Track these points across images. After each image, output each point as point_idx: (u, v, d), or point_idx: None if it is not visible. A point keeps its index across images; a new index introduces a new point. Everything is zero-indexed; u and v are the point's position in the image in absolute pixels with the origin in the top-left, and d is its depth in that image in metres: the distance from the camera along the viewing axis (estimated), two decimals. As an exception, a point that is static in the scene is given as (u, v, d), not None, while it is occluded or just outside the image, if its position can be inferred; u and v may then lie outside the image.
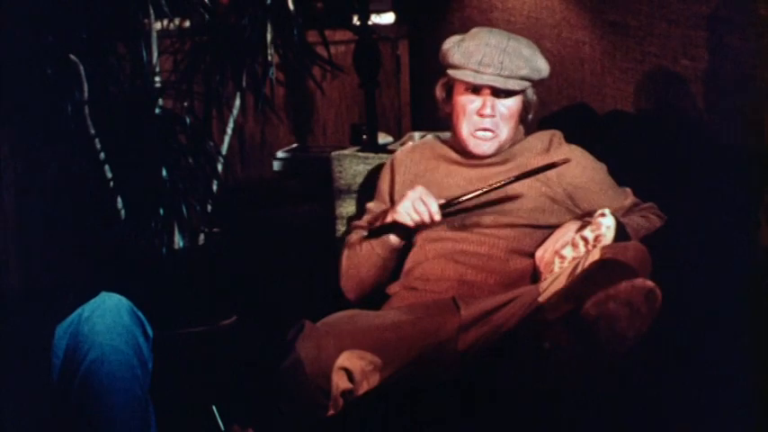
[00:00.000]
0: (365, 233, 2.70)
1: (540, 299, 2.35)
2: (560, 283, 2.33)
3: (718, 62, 2.59)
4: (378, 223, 2.69)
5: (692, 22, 2.69)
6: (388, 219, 2.63)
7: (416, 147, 2.85)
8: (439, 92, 2.75)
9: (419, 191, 2.59)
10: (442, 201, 2.59)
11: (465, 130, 2.68)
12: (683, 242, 2.53)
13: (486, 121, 2.65)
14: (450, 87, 2.72)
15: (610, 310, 2.14)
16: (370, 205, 2.82)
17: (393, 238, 2.65)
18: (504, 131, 2.67)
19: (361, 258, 2.69)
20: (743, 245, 2.41)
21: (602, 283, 2.20)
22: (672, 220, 2.61)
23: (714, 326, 2.32)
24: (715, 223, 2.48)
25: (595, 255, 2.30)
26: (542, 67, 2.66)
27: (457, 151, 2.75)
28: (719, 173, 2.52)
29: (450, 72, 2.67)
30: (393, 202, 2.74)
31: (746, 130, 2.48)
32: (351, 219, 3.01)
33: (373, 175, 3.01)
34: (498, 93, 2.65)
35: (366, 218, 2.79)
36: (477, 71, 2.62)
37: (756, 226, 2.37)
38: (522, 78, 2.63)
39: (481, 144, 2.68)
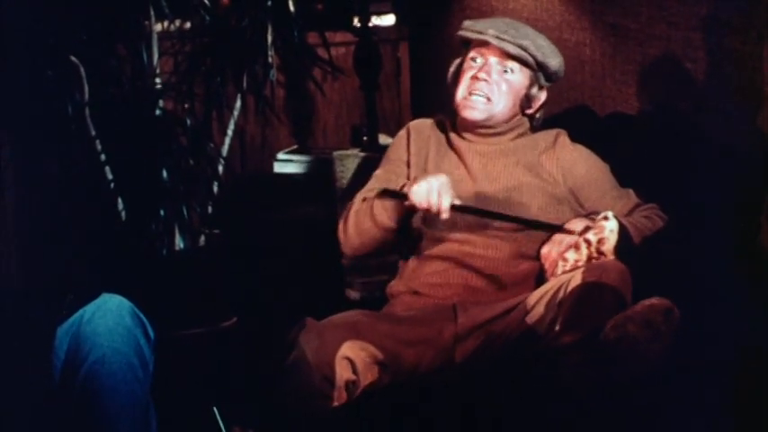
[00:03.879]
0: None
1: (528, 318, 2.36)
2: (544, 303, 2.34)
3: (719, 64, 2.59)
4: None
5: (693, 24, 2.69)
6: (405, 189, 2.55)
7: (431, 123, 2.81)
8: (451, 72, 2.74)
9: (442, 180, 2.48)
10: (458, 202, 2.50)
11: (460, 94, 2.67)
12: (684, 243, 2.53)
13: (480, 85, 2.64)
14: (459, 67, 2.72)
15: (629, 331, 2.15)
16: (379, 173, 2.77)
17: (397, 206, 2.56)
18: (499, 103, 2.65)
19: (362, 215, 2.63)
20: (744, 246, 2.41)
21: (596, 306, 2.23)
22: (672, 221, 2.61)
23: (714, 327, 2.32)
24: (715, 225, 2.48)
25: (577, 278, 2.31)
26: (549, 54, 2.66)
27: (462, 138, 2.72)
28: (720, 174, 2.52)
29: (458, 32, 2.69)
30: (409, 162, 2.73)
31: (747, 131, 2.49)
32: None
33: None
34: (499, 62, 2.64)
35: (373, 185, 2.72)
36: (481, 33, 2.64)
37: (757, 227, 2.37)
38: (522, 48, 2.62)
39: (472, 109, 2.65)
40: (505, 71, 2.65)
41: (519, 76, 2.66)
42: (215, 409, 2.21)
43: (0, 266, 2.96)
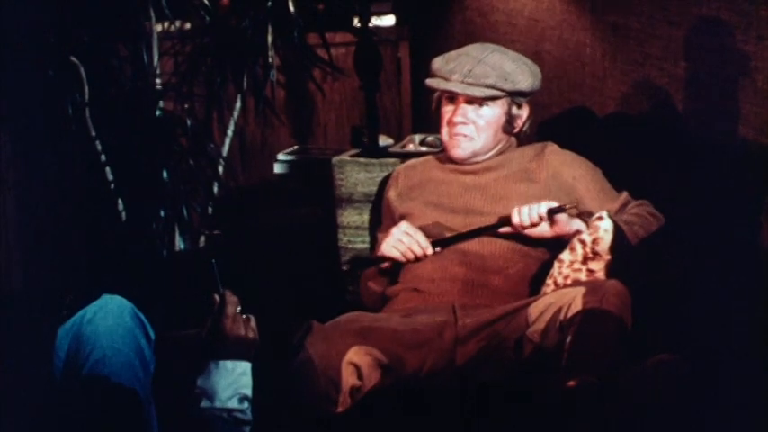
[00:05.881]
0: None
1: (530, 334, 2.36)
2: (545, 320, 2.34)
3: (719, 64, 2.59)
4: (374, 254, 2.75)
5: (693, 23, 2.68)
6: (378, 253, 2.69)
7: (415, 162, 2.91)
8: (433, 104, 2.80)
9: (403, 226, 2.64)
10: (431, 239, 2.63)
11: (445, 136, 2.75)
12: (685, 243, 2.53)
13: (459, 129, 2.70)
14: (439, 100, 2.77)
15: (639, 386, 2.16)
16: (380, 236, 2.83)
17: (381, 278, 2.71)
18: (481, 138, 2.72)
19: (368, 295, 2.77)
20: (744, 246, 2.41)
21: (598, 338, 2.24)
22: (673, 221, 2.61)
23: (715, 326, 2.32)
24: (716, 224, 2.48)
25: (577, 303, 2.31)
26: (518, 78, 2.68)
27: (452, 160, 2.78)
28: (721, 174, 2.52)
29: (426, 80, 2.75)
30: (392, 215, 2.79)
31: (747, 131, 2.49)
32: (351, 228, 3.06)
33: (374, 183, 3.03)
34: (472, 102, 2.69)
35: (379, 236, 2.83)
36: (445, 78, 2.69)
37: (758, 227, 2.37)
38: (489, 87, 2.66)
39: (455, 146, 2.72)
40: (480, 106, 2.70)
41: (494, 109, 2.71)
42: (214, 263, 2.18)
43: (0, 267, 2.96)
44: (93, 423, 1.99)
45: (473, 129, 2.71)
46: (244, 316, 2.02)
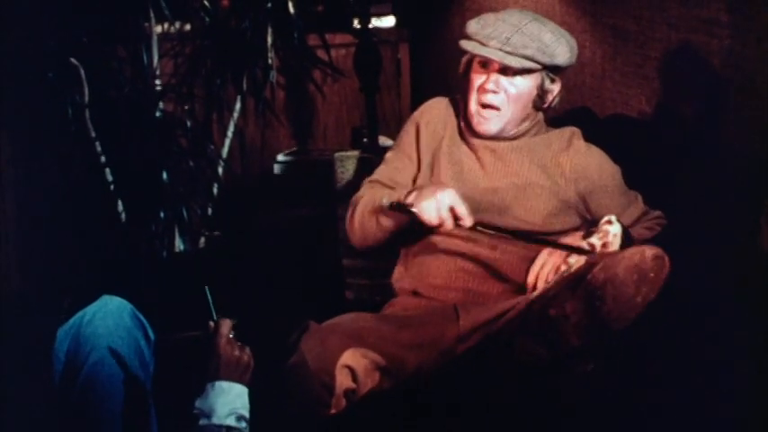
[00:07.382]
0: (381, 194, 2.57)
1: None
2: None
3: (719, 66, 2.59)
4: (402, 200, 2.50)
5: (693, 26, 2.69)
6: (410, 204, 2.46)
7: (441, 109, 2.73)
8: (461, 67, 2.66)
9: (451, 196, 2.44)
10: (476, 223, 2.45)
11: (472, 104, 2.60)
12: (684, 245, 2.53)
13: (489, 97, 2.57)
14: (469, 64, 2.64)
15: (618, 274, 2.14)
16: (390, 156, 2.72)
17: (403, 218, 2.50)
18: (510, 111, 2.58)
19: (368, 216, 2.60)
20: (743, 248, 2.41)
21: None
22: (672, 224, 2.61)
23: (714, 329, 2.32)
24: (715, 227, 2.49)
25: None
26: (557, 52, 2.56)
27: (471, 131, 2.65)
28: (720, 176, 2.52)
29: (461, 41, 2.59)
30: (419, 159, 2.67)
31: (747, 134, 2.49)
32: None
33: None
34: (506, 71, 2.57)
35: (384, 172, 2.68)
36: (481, 43, 2.55)
37: (757, 229, 2.37)
38: (527, 58, 2.54)
39: (484, 122, 2.59)
40: (513, 76, 2.57)
41: (527, 80, 2.58)
42: (207, 291, 2.17)
43: (0, 268, 2.96)
44: (93, 425, 1.99)
45: (503, 98, 2.56)
46: (239, 343, 2.01)
